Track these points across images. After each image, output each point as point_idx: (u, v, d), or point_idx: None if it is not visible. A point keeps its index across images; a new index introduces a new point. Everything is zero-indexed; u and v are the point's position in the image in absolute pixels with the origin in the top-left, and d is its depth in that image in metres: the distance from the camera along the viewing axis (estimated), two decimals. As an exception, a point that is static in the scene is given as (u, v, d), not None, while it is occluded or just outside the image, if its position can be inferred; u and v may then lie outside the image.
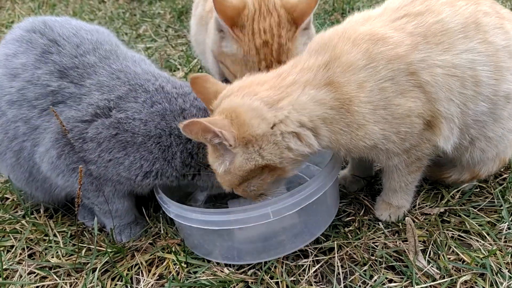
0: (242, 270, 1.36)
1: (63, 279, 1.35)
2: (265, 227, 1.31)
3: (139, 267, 1.38)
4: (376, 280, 1.29)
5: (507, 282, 1.26)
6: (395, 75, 1.17)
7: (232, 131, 1.11)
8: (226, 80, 1.67)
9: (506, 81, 1.26)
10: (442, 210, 1.50)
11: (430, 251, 1.38)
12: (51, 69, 1.37)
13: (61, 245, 1.47)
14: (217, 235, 1.35)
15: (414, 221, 1.49)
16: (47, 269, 1.39)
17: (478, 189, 1.61)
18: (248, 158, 1.15)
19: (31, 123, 1.37)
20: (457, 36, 1.21)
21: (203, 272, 1.35)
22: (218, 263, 1.38)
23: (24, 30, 1.43)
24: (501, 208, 1.51)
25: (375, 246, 1.41)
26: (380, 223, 1.50)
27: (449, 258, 1.35)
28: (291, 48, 1.51)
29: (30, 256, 1.45)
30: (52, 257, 1.43)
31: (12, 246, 1.48)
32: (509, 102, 1.31)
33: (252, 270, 1.35)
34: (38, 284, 1.34)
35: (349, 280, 1.31)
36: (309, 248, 1.41)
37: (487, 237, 1.42)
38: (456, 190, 1.57)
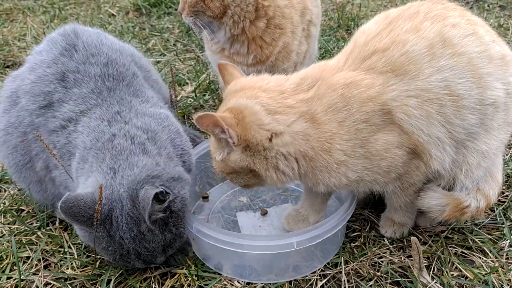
0: (252, 285, 1.40)
1: (78, 290, 1.40)
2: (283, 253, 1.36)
3: (151, 280, 1.42)
4: (381, 295, 1.34)
5: (509, 299, 1.30)
6: (370, 117, 1.23)
7: (237, 130, 1.20)
8: None
9: (491, 88, 1.25)
10: (444, 228, 1.54)
11: (434, 267, 1.42)
12: (57, 71, 1.47)
13: (76, 257, 1.51)
14: (232, 253, 1.38)
15: (418, 238, 1.53)
16: (63, 280, 1.43)
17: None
18: (242, 158, 1.26)
19: (32, 118, 1.47)
20: (423, 61, 1.23)
21: (214, 286, 1.39)
22: (228, 277, 1.42)
23: (57, 33, 1.57)
24: (503, 225, 1.55)
25: (380, 262, 1.45)
26: (385, 239, 1.54)
27: (453, 275, 1.39)
28: None
29: (45, 267, 1.50)
30: (67, 269, 1.48)
31: (28, 257, 1.53)
32: (497, 110, 1.29)
33: (261, 285, 1.39)
34: (54, 295, 1.39)
35: (355, 294, 1.35)
36: (317, 263, 1.45)
37: (489, 254, 1.46)
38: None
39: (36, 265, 1.50)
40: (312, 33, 2.10)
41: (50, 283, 1.42)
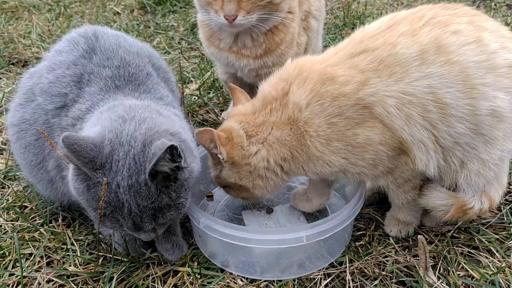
0: (255, 283, 1.39)
1: (81, 287, 1.39)
2: (291, 248, 1.36)
3: (154, 278, 1.41)
4: (386, 294, 1.32)
5: (516, 300, 1.28)
6: (343, 111, 1.25)
7: (227, 148, 1.32)
8: None
9: (487, 98, 1.23)
10: (450, 228, 1.53)
11: (440, 267, 1.40)
12: (76, 72, 1.46)
13: (79, 254, 1.51)
14: (237, 248, 1.38)
15: (424, 237, 1.51)
16: (65, 277, 1.43)
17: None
18: (230, 175, 1.37)
19: (48, 117, 1.47)
20: (412, 64, 1.23)
21: (217, 283, 1.38)
22: (231, 274, 1.41)
23: (77, 33, 1.56)
24: (510, 225, 1.53)
25: (385, 261, 1.44)
26: (390, 238, 1.53)
27: (459, 274, 1.37)
28: None
29: (48, 264, 1.49)
30: (70, 266, 1.47)
31: (31, 254, 1.52)
32: (500, 120, 1.26)
33: (265, 283, 1.38)
34: (56, 292, 1.38)
35: (360, 294, 1.34)
36: (321, 262, 1.44)
37: (496, 254, 1.44)
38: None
39: (39, 262, 1.49)
40: (312, 26, 2.08)
41: (53, 280, 1.42)
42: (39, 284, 1.40)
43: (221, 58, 1.93)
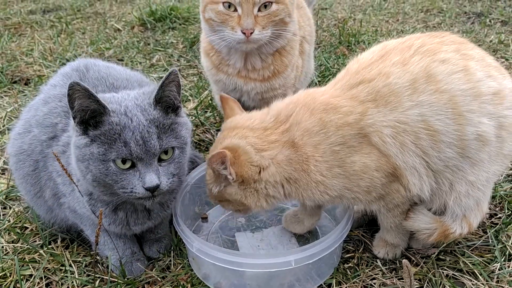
0: (246, 305, 1.44)
1: (78, 309, 1.44)
2: (281, 271, 1.41)
3: (149, 299, 1.47)
4: (372, 317, 1.37)
5: (497, 323, 1.32)
6: (346, 140, 1.31)
7: (236, 168, 1.32)
8: None
9: (473, 123, 1.28)
10: (436, 250, 1.57)
11: (424, 290, 1.45)
12: (66, 104, 1.48)
13: (76, 276, 1.56)
14: (229, 271, 1.43)
15: (410, 259, 1.57)
16: (63, 299, 1.48)
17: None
18: (237, 192, 1.37)
19: (43, 146, 1.54)
20: (404, 94, 1.28)
21: (209, 306, 1.43)
22: (223, 297, 1.46)
23: (71, 68, 1.67)
24: (494, 248, 1.58)
25: (373, 284, 1.48)
26: (378, 260, 1.58)
27: (443, 298, 1.42)
28: None
29: (47, 285, 1.54)
30: (68, 287, 1.52)
31: (31, 275, 1.57)
32: (485, 144, 1.31)
33: (255, 305, 1.43)
34: (54, 313, 1.43)
35: (346, 316, 1.39)
36: (310, 284, 1.49)
37: (480, 277, 1.49)
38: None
39: (38, 283, 1.54)
40: (306, 50, 2.16)
41: (51, 302, 1.47)
42: (38, 305, 1.46)
43: (229, 84, 1.99)
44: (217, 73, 2.00)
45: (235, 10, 1.74)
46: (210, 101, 2.65)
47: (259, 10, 1.74)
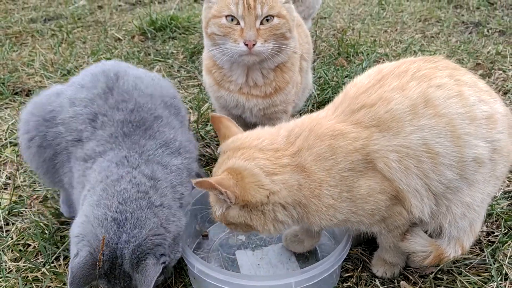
0: (246, 325, 1.46)
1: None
2: None
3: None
4: (370, 338, 1.39)
5: None
6: (354, 166, 1.32)
7: (235, 191, 1.28)
8: None
9: (470, 146, 1.32)
10: (434, 269, 1.60)
11: (422, 311, 1.47)
12: (91, 111, 1.60)
13: (79, 295, 1.58)
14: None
15: (408, 278, 1.59)
16: (66, 318, 1.50)
17: (471, 246, 1.70)
18: (240, 214, 1.34)
19: (68, 144, 1.62)
20: (405, 119, 1.30)
21: (210, 326, 1.45)
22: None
23: (101, 70, 1.71)
24: (491, 267, 1.60)
25: (371, 304, 1.51)
26: (376, 279, 1.60)
27: (440, 318, 1.44)
28: None
29: (50, 304, 1.57)
30: (71, 307, 1.54)
31: (34, 294, 1.60)
32: (481, 166, 1.36)
33: (255, 325, 1.45)
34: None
35: (345, 337, 1.41)
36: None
37: (477, 296, 1.51)
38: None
39: (41, 302, 1.57)
40: (303, 67, 2.19)
41: (55, 322, 1.49)
42: (42, 325, 1.48)
43: (231, 101, 2.01)
44: (219, 89, 2.02)
45: (238, 23, 1.77)
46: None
47: (261, 23, 1.77)
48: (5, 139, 2.53)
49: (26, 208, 2.02)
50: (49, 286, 1.62)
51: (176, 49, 3.71)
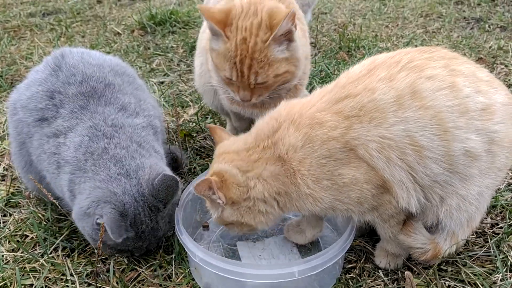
0: (248, 316, 1.43)
1: (80, 320, 1.44)
2: (284, 282, 1.41)
3: (151, 309, 1.46)
4: (374, 329, 1.37)
5: (499, 335, 1.32)
6: (331, 153, 1.32)
7: (223, 191, 1.37)
8: None
9: (460, 139, 1.30)
10: (439, 261, 1.57)
11: (426, 301, 1.45)
12: (46, 89, 1.69)
13: (78, 286, 1.55)
14: (231, 281, 1.44)
15: (412, 269, 1.57)
16: (65, 309, 1.48)
17: (475, 237, 1.68)
18: (232, 213, 1.41)
19: (29, 128, 1.69)
20: (389, 110, 1.29)
21: (211, 317, 1.43)
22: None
23: (51, 55, 1.83)
24: (496, 258, 1.58)
25: (374, 295, 1.49)
26: (380, 270, 1.58)
27: (445, 309, 1.42)
28: (265, 50, 1.65)
29: (48, 295, 1.54)
30: (69, 297, 1.52)
31: (31, 285, 1.57)
32: (474, 159, 1.34)
33: (257, 316, 1.43)
34: (56, 324, 1.43)
35: (349, 328, 1.39)
36: (312, 295, 1.49)
37: (481, 287, 1.49)
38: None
39: (39, 293, 1.54)
40: (299, 91, 2.16)
41: (52, 312, 1.47)
42: (39, 316, 1.45)
43: (245, 113, 1.99)
44: (232, 104, 1.98)
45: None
46: (210, 107, 2.64)
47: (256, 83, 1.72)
48: (3, 131, 2.50)
49: (23, 199, 1.99)
50: (48, 277, 1.60)
51: (176, 43, 3.68)
